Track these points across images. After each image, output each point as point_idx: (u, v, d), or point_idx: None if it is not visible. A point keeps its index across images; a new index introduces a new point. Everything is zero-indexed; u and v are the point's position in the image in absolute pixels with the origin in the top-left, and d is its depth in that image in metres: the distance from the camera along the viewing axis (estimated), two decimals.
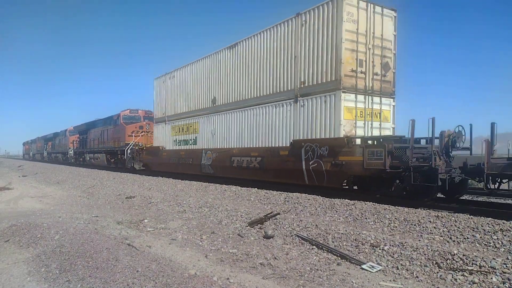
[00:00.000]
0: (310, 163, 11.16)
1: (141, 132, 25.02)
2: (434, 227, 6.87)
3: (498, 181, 8.68)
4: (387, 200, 9.30)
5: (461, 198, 10.13)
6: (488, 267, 5.04)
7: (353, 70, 10.76)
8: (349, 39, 10.69)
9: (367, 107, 11.13)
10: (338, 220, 8.15)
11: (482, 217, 7.27)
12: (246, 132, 14.32)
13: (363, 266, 5.46)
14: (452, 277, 4.90)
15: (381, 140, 9.90)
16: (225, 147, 15.47)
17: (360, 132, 10.93)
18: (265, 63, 13.48)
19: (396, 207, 8.55)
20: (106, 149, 28.50)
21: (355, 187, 10.95)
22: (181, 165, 18.56)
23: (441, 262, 5.32)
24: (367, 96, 11.16)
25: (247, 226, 8.04)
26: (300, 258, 5.99)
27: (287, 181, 12.48)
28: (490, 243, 5.96)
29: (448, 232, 6.59)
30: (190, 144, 18.40)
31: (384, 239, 6.33)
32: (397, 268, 5.36)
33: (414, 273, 5.15)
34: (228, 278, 4.96)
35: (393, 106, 11.82)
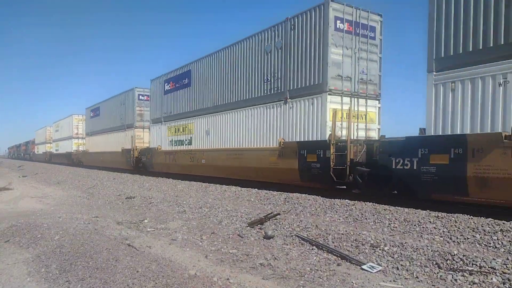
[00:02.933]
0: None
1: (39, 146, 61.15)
2: (434, 228, 6.88)
3: None
4: (387, 201, 9.30)
5: None
6: (488, 267, 5.04)
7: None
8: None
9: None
10: (338, 221, 8.15)
11: (482, 217, 7.28)
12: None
13: (363, 267, 5.45)
14: (452, 278, 4.90)
15: None
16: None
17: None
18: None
19: (396, 207, 8.56)
20: (29, 153, 70.58)
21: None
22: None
23: (441, 263, 5.32)
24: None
25: (247, 226, 8.04)
26: (300, 259, 5.99)
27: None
28: (490, 243, 5.97)
29: (448, 232, 6.60)
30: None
31: (384, 240, 6.33)
32: (397, 269, 5.36)
33: (414, 274, 5.15)
34: (228, 279, 4.96)
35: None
